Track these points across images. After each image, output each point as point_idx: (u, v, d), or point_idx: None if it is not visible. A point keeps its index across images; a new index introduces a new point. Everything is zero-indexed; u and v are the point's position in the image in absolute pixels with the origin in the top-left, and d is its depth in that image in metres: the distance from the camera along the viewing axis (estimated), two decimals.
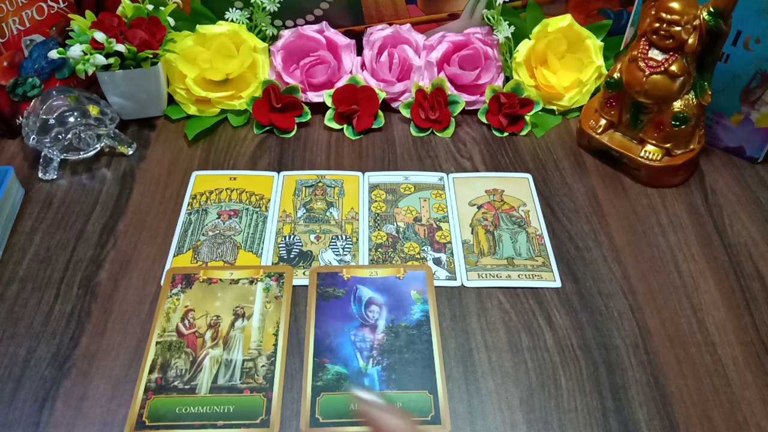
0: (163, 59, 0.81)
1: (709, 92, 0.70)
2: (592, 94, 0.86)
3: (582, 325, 0.61)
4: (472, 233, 0.70)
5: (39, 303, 0.63)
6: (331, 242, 0.69)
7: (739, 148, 0.79)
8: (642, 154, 0.74)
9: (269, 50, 0.87)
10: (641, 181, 0.76)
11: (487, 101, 0.84)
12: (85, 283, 0.64)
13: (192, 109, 0.84)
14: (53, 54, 0.76)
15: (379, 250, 0.68)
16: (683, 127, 0.71)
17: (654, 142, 0.74)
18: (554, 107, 0.86)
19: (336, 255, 0.68)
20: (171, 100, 0.85)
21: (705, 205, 0.74)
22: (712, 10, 0.65)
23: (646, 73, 0.70)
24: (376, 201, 0.74)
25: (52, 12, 0.81)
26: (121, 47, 0.76)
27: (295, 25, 0.88)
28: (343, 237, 0.70)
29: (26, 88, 0.80)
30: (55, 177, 0.76)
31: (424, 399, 0.56)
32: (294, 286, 0.65)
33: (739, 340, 0.60)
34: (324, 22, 0.87)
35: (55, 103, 0.74)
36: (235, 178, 0.76)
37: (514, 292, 0.64)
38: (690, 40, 0.66)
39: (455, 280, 0.65)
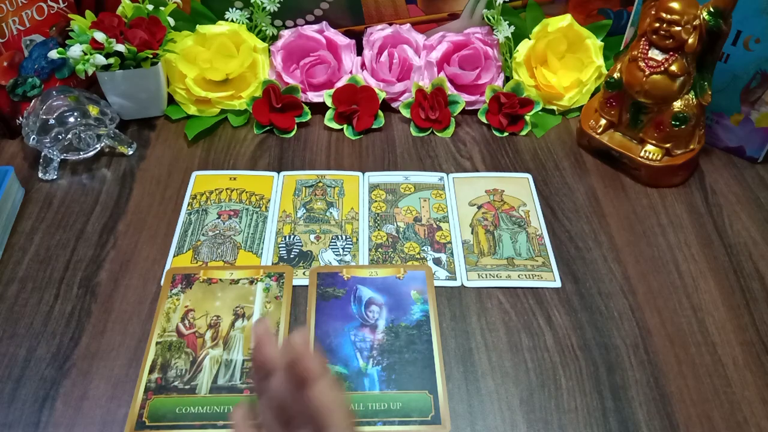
0: (163, 59, 0.81)
1: (709, 92, 0.70)
2: (592, 94, 0.85)
3: (582, 325, 0.61)
4: (472, 233, 0.70)
5: (39, 303, 0.63)
6: (331, 242, 0.69)
7: (739, 148, 0.79)
8: (642, 154, 0.74)
9: (269, 50, 0.87)
10: (641, 181, 0.76)
11: (487, 101, 0.84)
12: (85, 283, 0.64)
13: (192, 109, 0.84)
14: (53, 54, 0.76)
15: (379, 250, 0.68)
16: (683, 127, 0.71)
17: (654, 142, 0.74)
18: (554, 107, 0.86)
19: (336, 255, 0.68)
20: (171, 100, 0.85)
21: (705, 205, 0.74)
22: (712, 10, 0.65)
23: (646, 73, 0.70)
24: (376, 201, 0.74)
25: (52, 12, 0.81)
26: (121, 47, 0.75)
27: (295, 25, 0.88)
28: (343, 237, 0.70)
29: (26, 88, 0.79)
30: (55, 177, 0.76)
31: (424, 399, 0.56)
32: (294, 286, 0.65)
33: (739, 340, 0.60)
34: (324, 22, 0.87)
35: (55, 103, 0.74)
36: (235, 178, 0.76)
37: (514, 292, 0.64)
38: (690, 40, 0.66)
39: (455, 280, 0.65)
